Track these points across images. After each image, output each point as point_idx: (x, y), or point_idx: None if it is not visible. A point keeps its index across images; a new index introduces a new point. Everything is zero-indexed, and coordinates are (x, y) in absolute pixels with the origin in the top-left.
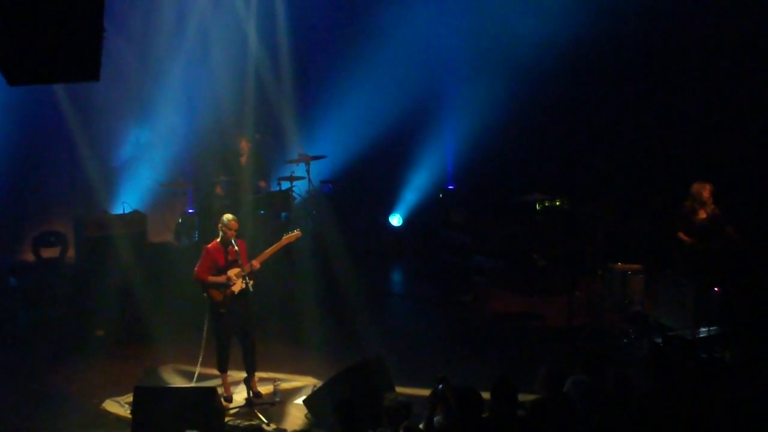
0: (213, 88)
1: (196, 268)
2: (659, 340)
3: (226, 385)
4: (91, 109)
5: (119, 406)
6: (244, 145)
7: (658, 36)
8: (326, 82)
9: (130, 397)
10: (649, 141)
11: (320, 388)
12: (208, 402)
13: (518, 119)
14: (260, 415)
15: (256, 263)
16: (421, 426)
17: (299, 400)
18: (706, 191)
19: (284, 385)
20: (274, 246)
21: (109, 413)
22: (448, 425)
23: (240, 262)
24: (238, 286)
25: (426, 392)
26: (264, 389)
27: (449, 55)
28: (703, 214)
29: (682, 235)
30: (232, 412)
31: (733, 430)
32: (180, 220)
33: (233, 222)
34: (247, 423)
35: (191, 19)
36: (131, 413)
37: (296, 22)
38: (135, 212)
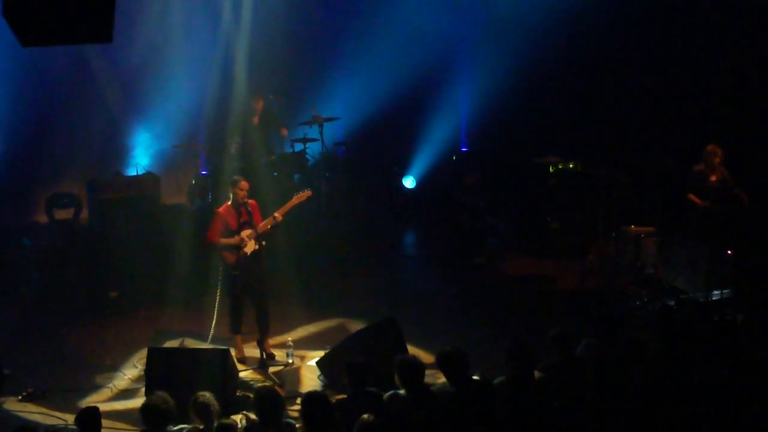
0: (227, 50)
1: (207, 233)
2: (672, 303)
3: (239, 347)
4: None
5: (132, 367)
6: (259, 105)
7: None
8: (340, 44)
9: (143, 358)
10: (663, 102)
11: (333, 349)
12: (222, 363)
13: (532, 81)
14: (273, 377)
15: (278, 215)
16: (433, 388)
17: (312, 362)
18: (717, 157)
19: (297, 347)
20: (286, 205)
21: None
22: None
23: (253, 222)
24: (250, 247)
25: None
26: (277, 351)
27: (463, 15)
28: (714, 177)
29: (692, 197)
30: (245, 373)
31: (745, 392)
32: (193, 182)
33: (244, 182)
34: (260, 384)
35: None
36: (145, 374)
37: None
38: (148, 174)
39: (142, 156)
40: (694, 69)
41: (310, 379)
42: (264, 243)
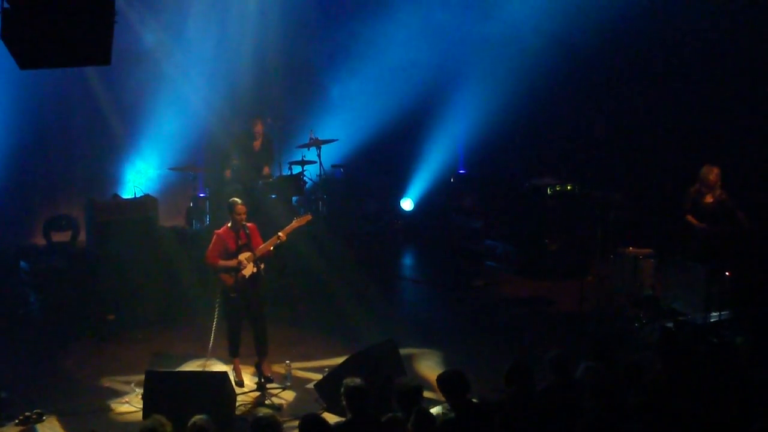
0: (225, 73)
1: (206, 253)
2: (670, 325)
3: (237, 370)
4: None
5: (130, 390)
6: (260, 128)
7: (667, 16)
8: (337, 66)
9: (141, 381)
10: (661, 125)
11: (331, 372)
12: (219, 386)
13: (529, 104)
14: (271, 400)
15: (282, 235)
16: (432, 411)
17: (310, 385)
18: (712, 175)
19: (295, 370)
20: (286, 228)
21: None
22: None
23: (251, 246)
24: (249, 270)
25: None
26: (275, 373)
27: (461, 39)
28: (710, 198)
29: (690, 218)
30: (242, 396)
31: (744, 414)
32: (191, 204)
33: (240, 206)
34: (258, 410)
35: (205, 3)
36: (142, 397)
37: (309, 6)
38: (146, 196)
39: (140, 178)
40: (691, 89)
41: (308, 402)
42: (263, 266)
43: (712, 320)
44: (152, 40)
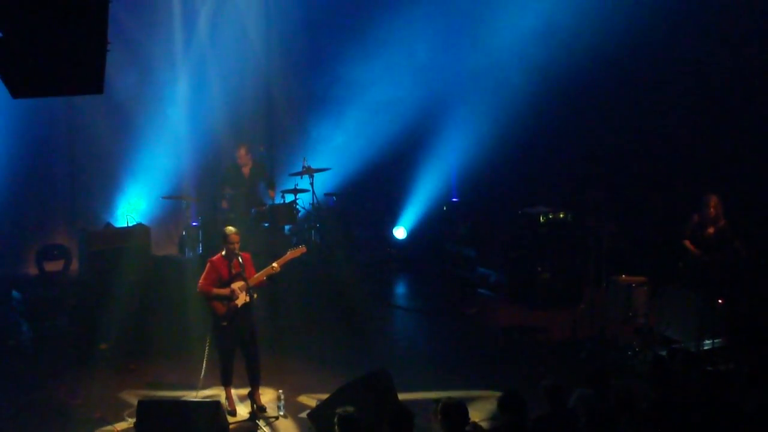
0: (217, 101)
1: (200, 281)
2: (663, 353)
3: (230, 399)
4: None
5: (122, 420)
6: (243, 154)
7: (656, 45)
8: (330, 95)
9: (133, 411)
10: (653, 153)
11: (324, 401)
12: (212, 416)
13: (522, 132)
14: (264, 429)
15: (276, 265)
16: None
17: (303, 414)
18: (711, 205)
19: (288, 399)
20: (280, 259)
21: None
22: None
23: (244, 275)
24: (241, 300)
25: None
26: (268, 403)
27: (453, 68)
28: (711, 230)
29: (687, 243)
30: (235, 425)
31: None
32: (184, 233)
33: (234, 235)
34: None
35: (196, 31)
36: (135, 427)
37: (301, 36)
38: (139, 225)
39: (132, 207)
40: (683, 117)
41: None
42: (255, 295)
43: (705, 348)
44: (144, 71)
